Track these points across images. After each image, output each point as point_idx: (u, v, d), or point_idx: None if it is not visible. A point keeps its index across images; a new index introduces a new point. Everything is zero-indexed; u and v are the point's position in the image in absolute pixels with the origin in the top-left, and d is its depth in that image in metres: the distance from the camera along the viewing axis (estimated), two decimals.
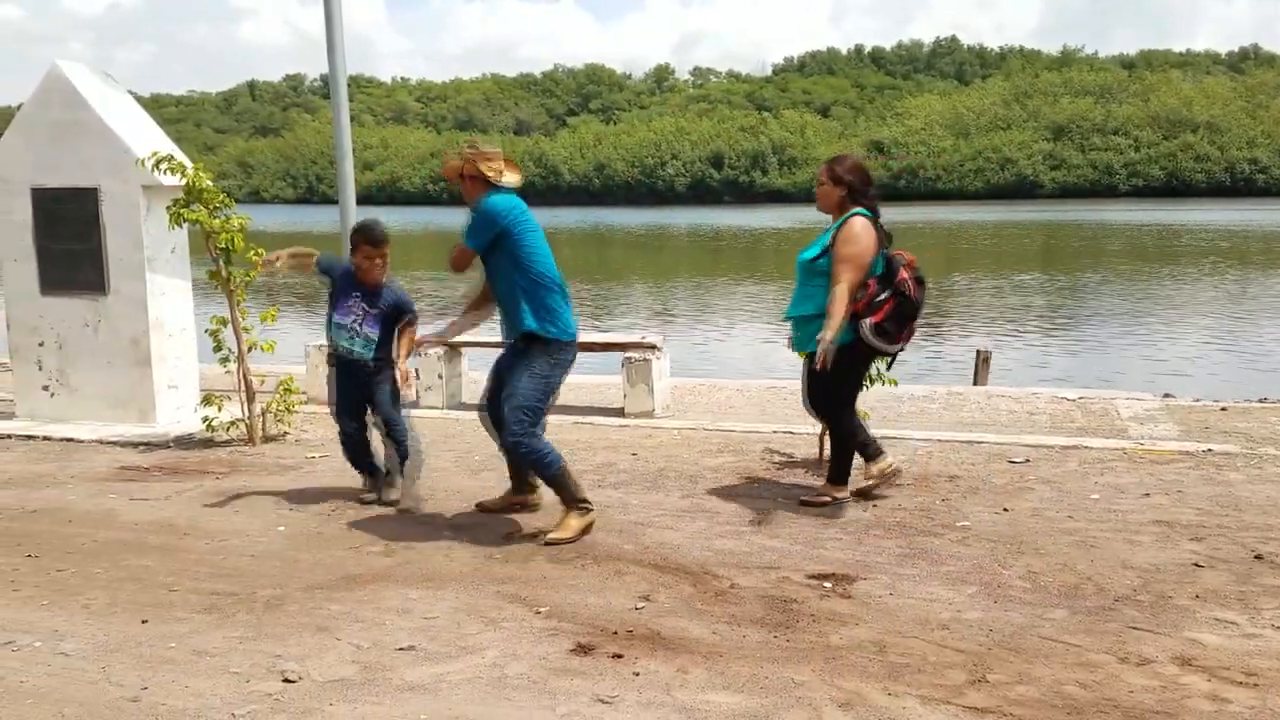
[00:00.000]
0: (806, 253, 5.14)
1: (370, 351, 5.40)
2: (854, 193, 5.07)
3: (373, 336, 5.40)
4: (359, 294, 5.39)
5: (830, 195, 5.10)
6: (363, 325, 5.39)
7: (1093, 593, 3.94)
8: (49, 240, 7.12)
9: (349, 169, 8.27)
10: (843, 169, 5.10)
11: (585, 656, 3.44)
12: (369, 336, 5.39)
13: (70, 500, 5.49)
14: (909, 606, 3.83)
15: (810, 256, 5.08)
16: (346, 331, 5.37)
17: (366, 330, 5.39)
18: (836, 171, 5.09)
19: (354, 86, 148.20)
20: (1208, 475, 5.56)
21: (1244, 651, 3.41)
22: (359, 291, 5.39)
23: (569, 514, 4.72)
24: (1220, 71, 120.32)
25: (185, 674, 3.36)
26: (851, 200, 5.07)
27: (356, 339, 5.37)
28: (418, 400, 7.85)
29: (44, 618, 3.88)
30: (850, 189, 5.07)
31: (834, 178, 5.08)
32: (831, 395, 5.13)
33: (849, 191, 5.07)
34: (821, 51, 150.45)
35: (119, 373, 7.10)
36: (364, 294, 5.39)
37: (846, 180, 5.07)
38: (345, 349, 5.40)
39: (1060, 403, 7.86)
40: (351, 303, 5.39)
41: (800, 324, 5.15)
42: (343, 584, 4.16)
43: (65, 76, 6.96)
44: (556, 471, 4.73)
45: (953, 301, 20.50)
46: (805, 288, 5.11)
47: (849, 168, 5.11)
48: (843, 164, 5.14)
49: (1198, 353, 14.03)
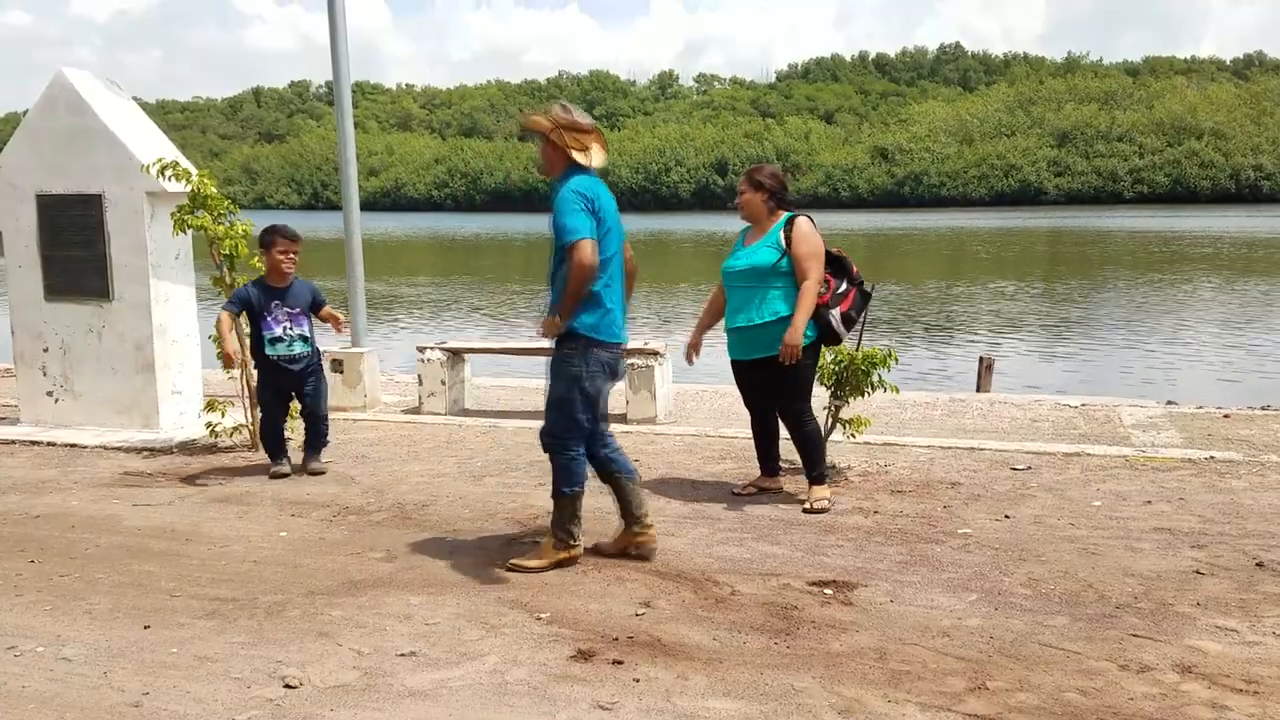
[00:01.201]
0: (760, 258, 5.17)
1: (308, 346, 6.07)
2: (776, 197, 5.28)
3: (305, 332, 6.05)
4: (277, 301, 5.96)
5: (755, 203, 5.28)
6: (293, 326, 5.99)
7: (1094, 600, 3.94)
8: (53, 246, 7.15)
9: (353, 174, 8.29)
10: (762, 176, 5.30)
11: (586, 663, 3.45)
12: (303, 334, 6.03)
13: (73, 505, 5.50)
14: (910, 613, 3.83)
15: (770, 261, 5.13)
16: (284, 341, 5.96)
17: (299, 330, 6.02)
18: (757, 179, 5.30)
19: (359, 93, 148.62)
20: (1210, 483, 5.55)
21: (1245, 659, 3.41)
22: (275, 299, 5.95)
23: (549, 541, 4.41)
24: (1225, 78, 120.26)
25: (187, 679, 3.37)
26: (777, 205, 5.28)
27: (295, 342, 5.99)
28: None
29: (46, 623, 3.89)
30: (772, 194, 5.27)
31: (755, 184, 5.28)
32: (799, 394, 5.24)
33: (771, 195, 5.27)
34: (826, 58, 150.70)
35: (123, 378, 7.12)
36: (282, 298, 5.97)
37: (768, 186, 5.26)
38: (286, 354, 5.96)
39: (1063, 410, 7.86)
40: (275, 314, 5.96)
41: (758, 331, 5.19)
42: (344, 589, 4.16)
43: (71, 83, 7.00)
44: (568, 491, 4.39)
45: (956, 308, 20.50)
46: (758, 291, 5.17)
47: (768, 175, 5.32)
48: (761, 172, 5.34)
49: (1201, 360, 14.02)
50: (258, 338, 6.00)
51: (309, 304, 6.11)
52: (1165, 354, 14.57)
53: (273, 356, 5.97)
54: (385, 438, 7.05)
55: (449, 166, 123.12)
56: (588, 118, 4.37)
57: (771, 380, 5.25)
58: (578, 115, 4.32)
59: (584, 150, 4.27)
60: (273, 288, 6.00)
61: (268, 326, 5.95)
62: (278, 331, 5.96)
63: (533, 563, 4.34)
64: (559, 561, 4.36)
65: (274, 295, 5.98)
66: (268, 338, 5.95)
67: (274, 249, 5.95)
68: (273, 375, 6.03)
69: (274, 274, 6.01)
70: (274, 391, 6.09)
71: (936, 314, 19.43)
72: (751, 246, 5.26)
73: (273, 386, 6.08)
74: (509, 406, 8.40)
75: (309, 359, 6.09)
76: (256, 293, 5.98)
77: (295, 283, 6.07)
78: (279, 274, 6.00)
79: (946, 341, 15.92)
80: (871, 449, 6.41)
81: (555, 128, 4.25)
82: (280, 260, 5.95)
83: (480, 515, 5.18)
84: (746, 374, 5.39)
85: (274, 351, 5.96)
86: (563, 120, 4.27)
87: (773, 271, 5.13)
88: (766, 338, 5.16)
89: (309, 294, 6.13)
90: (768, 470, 5.58)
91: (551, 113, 4.31)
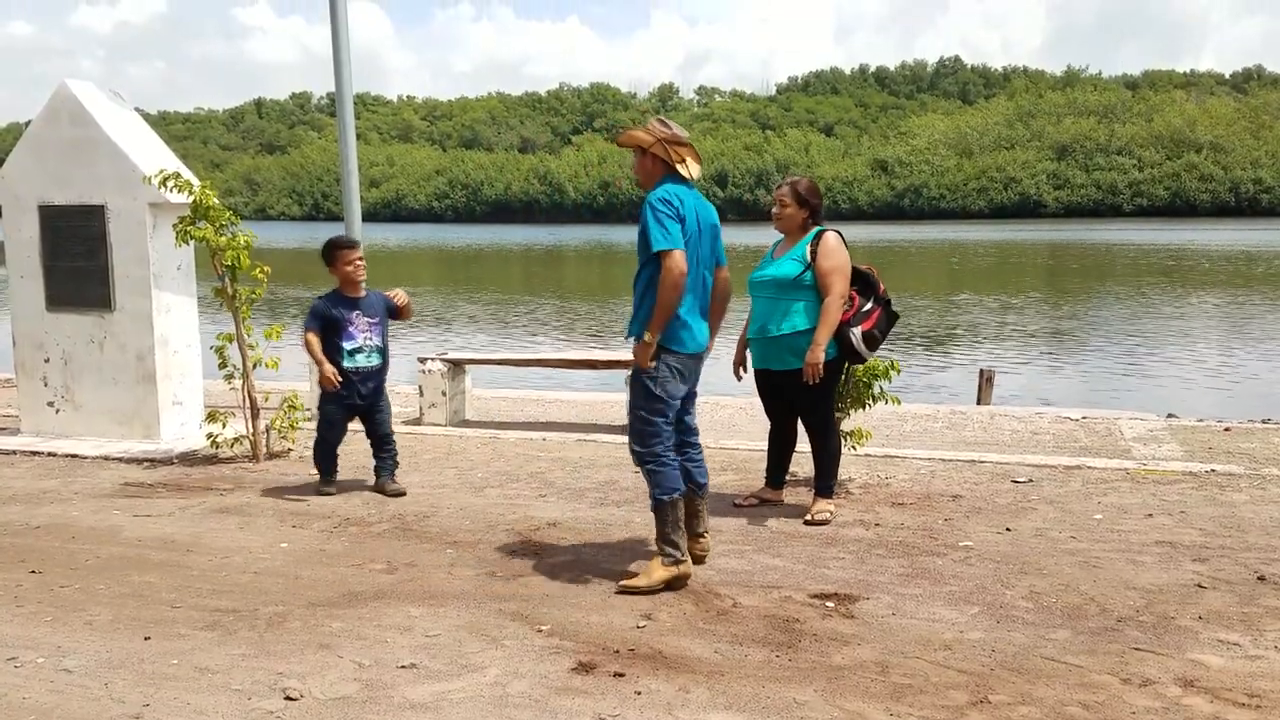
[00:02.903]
0: (784, 270, 5.17)
1: (382, 358, 5.92)
2: (816, 215, 5.29)
3: (381, 343, 5.90)
4: (355, 312, 5.81)
5: (795, 217, 5.26)
6: (373, 336, 5.85)
7: (1095, 613, 3.93)
8: (55, 257, 7.16)
9: (354, 185, 8.31)
10: (807, 193, 5.27)
11: (587, 675, 3.44)
12: (379, 344, 5.89)
13: (74, 516, 5.50)
14: (911, 626, 3.83)
15: (794, 274, 5.12)
16: (363, 351, 5.81)
17: (377, 340, 5.87)
18: (801, 194, 5.27)
19: (360, 104, 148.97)
20: (1211, 496, 5.55)
21: (1247, 673, 3.40)
22: (353, 310, 5.81)
23: (656, 559, 4.27)
24: (1224, 92, 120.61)
25: (187, 691, 3.36)
26: (814, 220, 5.28)
27: (373, 353, 5.86)
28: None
29: (47, 634, 3.88)
30: (815, 212, 5.28)
31: (800, 200, 5.25)
32: (823, 406, 5.25)
33: (813, 214, 5.28)
34: (826, 71, 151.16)
35: (124, 389, 7.12)
36: (359, 308, 5.82)
37: (813, 204, 5.26)
38: (365, 366, 5.82)
39: (1064, 422, 7.86)
40: (354, 325, 5.79)
41: (777, 342, 5.19)
42: (345, 601, 4.16)
43: (74, 95, 7.02)
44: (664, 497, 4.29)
45: (956, 320, 20.51)
46: (780, 303, 5.16)
47: (812, 190, 5.29)
48: (804, 187, 5.31)
49: (1201, 372, 14.02)
50: (335, 350, 5.77)
51: (385, 312, 5.96)
52: (1165, 366, 14.58)
53: (350, 369, 5.76)
54: None
55: (449, 178, 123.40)
56: (684, 131, 4.45)
57: (792, 392, 5.23)
58: (676, 129, 4.40)
59: (682, 162, 4.34)
60: (349, 298, 5.83)
61: (348, 337, 5.76)
62: (359, 341, 5.78)
63: (642, 583, 4.19)
64: (670, 581, 4.21)
65: (352, 305, 5.82)
66: (347, 348, 5.76)
67: (342, 262, 5.79)
68: (344, 390, 5.77)
69: (348, 285, 5.83)
70: (344, 409, 5.87)
71: (936, 326, 19.45)
72: (779, 259, 5.26)
73: (343, 404, 5.84)
74: (509, 418, 8.40)
75: (380, 375, 5.92)
76: (333, 306, 5.78)
77: (370, 293, 5.93)
78: (353, 284, 5.83)
79: (946, 354, 15.93)
80: (872, 461, 6.41)
81: (657, 141, 4.32)
82: (353, 271, 5.79)
83: (481, 527, 5.18)
84: (767, 384, 5.39)
85: (352, 363, 5.77)
86: (663, 134, 4.34)
87: (795, 284, 5.12)
88: (785, 350, 5.15)
89: (383, 302, 5.97)
90: (773, 482, 5.58)
91: (650, 126, 4.40)
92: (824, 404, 5.26)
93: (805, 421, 5.35)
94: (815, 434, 5.31)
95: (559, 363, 8.59)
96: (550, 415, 8.61)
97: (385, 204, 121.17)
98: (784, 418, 5.47)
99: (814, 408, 5.25)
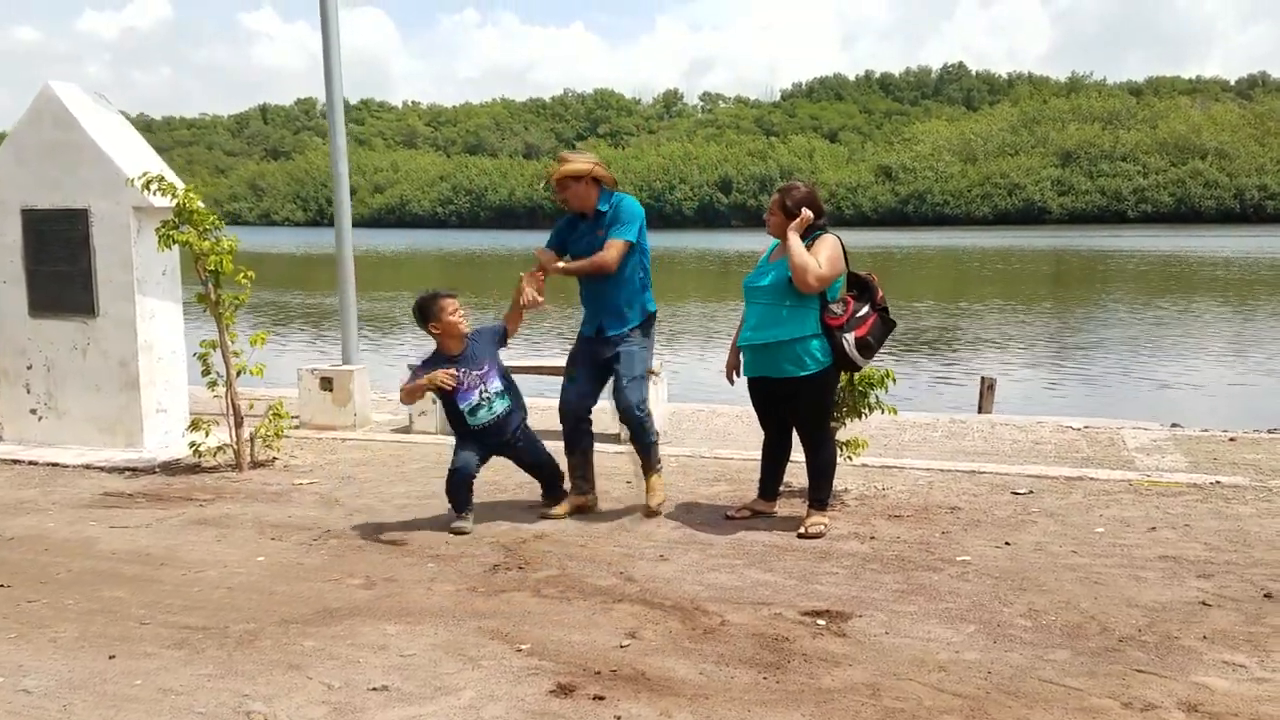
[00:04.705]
0: (782, 273, 5.02)
1: (506, 400, 5.37)
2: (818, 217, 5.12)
3: (500, 388, 5.35)
4: (462, 369, 5.24)
5: (784, 225, 5.07)
6: (488, 388, 5.30)
7: (1096, 632, 3.79)
8: (38, 261, 7.04)
9: (345, 195, 8.20)
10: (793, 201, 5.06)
11: (565, 698, 3.30)
12: (498, 391, 5.34)
13: (49, 527, 5.37)
14: (905, 646, 3.69)
15: (788, 277, 4.98)
16: (483, 407, 5.29)
17: (493, 389, 5.32)
18: (788, 204, 5.07)
19: (365, 110, 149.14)
20: (1216, 509, 5.40)
21: (1253, 697, 3.25)
22: (459, 367, 5.24)
23: (654, 476, 5.48)
24: (1229, 98, 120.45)
25: (148, 714, 3.22)
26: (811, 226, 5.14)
27: (494, 402, 5.32)
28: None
29: (9, 651, 3.75)
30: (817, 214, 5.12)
31: (785, 211, 5.07)
32: (820, 417, 5.13)
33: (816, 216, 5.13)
34: (830, 77, 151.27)
35: (107, 396, 7.00)
36: (464, 362, 5.28)
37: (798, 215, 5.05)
38: (490, 419, 5.30)
39: (1065, 432, 7.71)
40: (464, 383, 5.24)
41: (771, 350, 5.05)
42: (319, 618, 4.02)
43: (57, 97, 6.90)
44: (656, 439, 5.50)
45: (958, 327, 20.35)
46: (775, 309, 5.03)
47: (799, 199, 5.06)
48: (792, 195, 5.10)
49: (1206, 381, 13.85)
50: (455, 414, 5.29)
51: (494, 349, 5.43)
52: (1169, 375, 14.41)
53: (478, 427, 5.29)
54: (373, 458, 6.91)
55: (454, 183, 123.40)
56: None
57: (788, 402, 5.12)
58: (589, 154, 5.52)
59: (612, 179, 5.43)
60: (449, 356, 5.29)
61: (463, 398, 5.22)
62: (475, 399, 5.25)
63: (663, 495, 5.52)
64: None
65: (452, 360, 5.27)
66: (465, 409, 5.24)
67: (446, 314, 5.23)
68: (480, 436, 5.34)
69: (450, 340, 5.29)
70: (481, 447, 5.34)
71: (938, 333, 19.28)
72: (775, 263, 5.13)
73: (481, 445, 5.35)
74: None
75: (512, 416, 5.38)
76: (433, 370, 5.23)
77: (471, 337, 5.35)
78: (457, 337, 5.29)
79: (947, 361, 15.77)
80: (869, 471, 6.26)
81: (596, 165, 5.32)
82: (456, 322, 5.24)
83: (465, 540, 5.04)
84: (762, 393, 5.25)
85: (477, 421, 5.26)
86: (595, 161, 5.35)
87: (790, 290, 4.99)
88: (780, 357, 5.03)
89: (489, 337, 5.43)
90: (766, 494, 5.44)
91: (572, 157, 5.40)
92: (820, 414, 5.14)
93: (800, 432, 5.22)
94: (810, 444, 5.18)
95: (554, 370, 8.44)
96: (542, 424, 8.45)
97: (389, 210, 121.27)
98: (779, 428, 5.34)
99: (810, 418, 5.12)
